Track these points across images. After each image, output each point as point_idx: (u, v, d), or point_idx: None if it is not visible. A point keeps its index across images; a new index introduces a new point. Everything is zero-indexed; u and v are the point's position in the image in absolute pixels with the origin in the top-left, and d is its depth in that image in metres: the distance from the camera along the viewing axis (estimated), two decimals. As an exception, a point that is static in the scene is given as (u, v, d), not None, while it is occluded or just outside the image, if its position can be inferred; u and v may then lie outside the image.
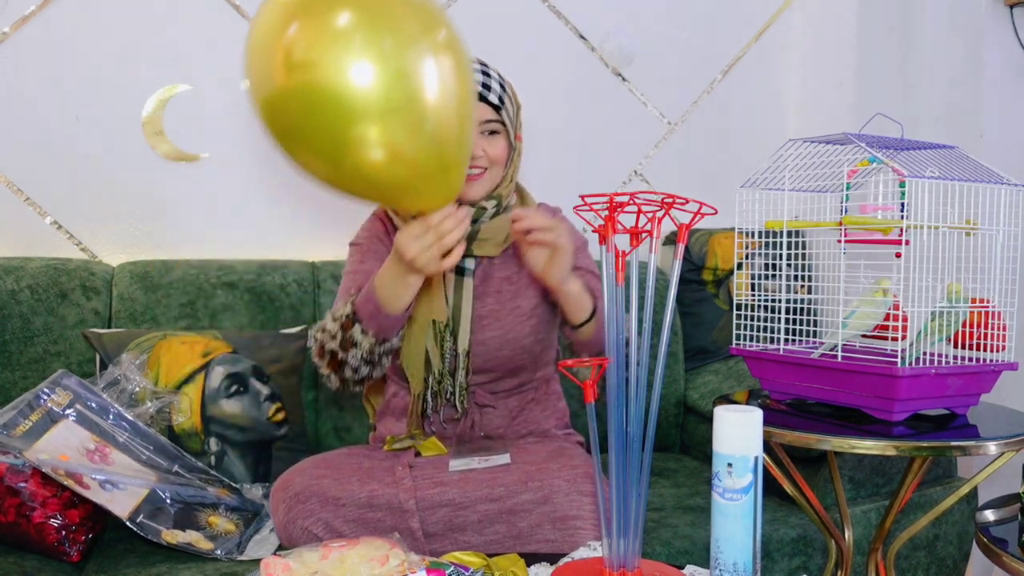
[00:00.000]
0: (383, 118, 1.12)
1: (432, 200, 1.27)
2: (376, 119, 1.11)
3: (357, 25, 1.10)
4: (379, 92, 1.10)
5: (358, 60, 1.09)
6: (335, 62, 1.09)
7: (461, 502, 1.38)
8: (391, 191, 1.23)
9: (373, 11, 1.12)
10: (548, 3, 2.35)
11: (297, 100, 1.11)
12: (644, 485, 1.06)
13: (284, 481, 1.47)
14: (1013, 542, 1.42)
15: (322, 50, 1.09)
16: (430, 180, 1.22)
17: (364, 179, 1.18)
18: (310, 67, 1.09)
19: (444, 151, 1.19)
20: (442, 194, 1.27)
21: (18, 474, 1.44)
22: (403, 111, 1.12)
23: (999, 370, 1.47)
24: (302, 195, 2.19)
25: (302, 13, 1.11)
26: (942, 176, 1.41)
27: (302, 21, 1.11)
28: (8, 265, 1.85)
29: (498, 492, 1.37)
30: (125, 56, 2.07)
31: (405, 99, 1.12)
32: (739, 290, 1.65)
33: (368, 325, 1.41)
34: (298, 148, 1.19)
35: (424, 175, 1.20)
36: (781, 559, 1.72)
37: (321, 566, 1.10)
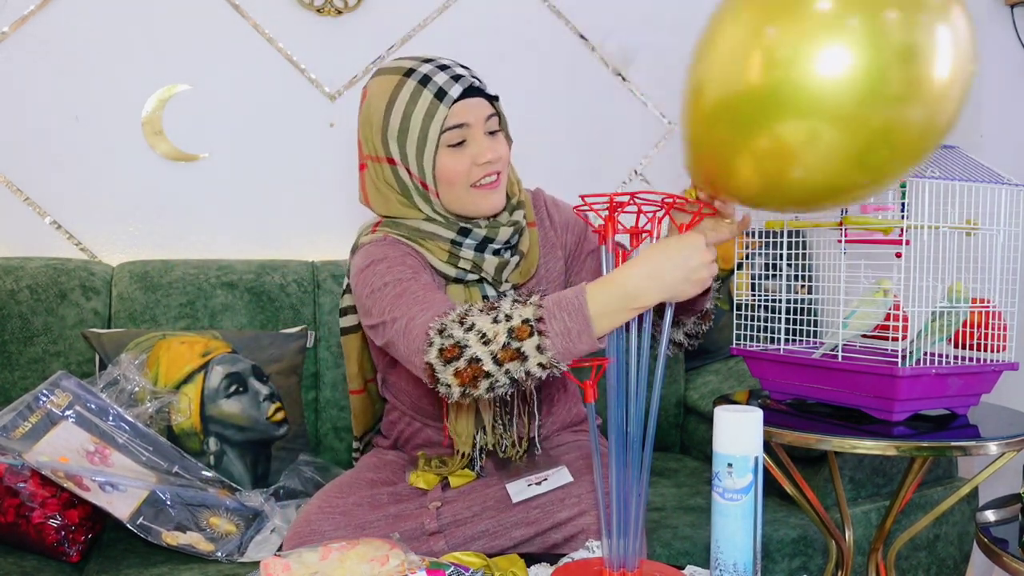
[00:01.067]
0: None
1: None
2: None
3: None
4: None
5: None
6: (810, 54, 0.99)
7: (495, 531, 1.30)
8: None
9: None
10: (548, 3, 2.34)
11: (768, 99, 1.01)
12: (644, 485, 1.06)
13: (300, 545, 1.26)
14: (1014, 542, 1.41)
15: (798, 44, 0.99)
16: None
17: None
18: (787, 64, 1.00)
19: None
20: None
21: (17, 474, 1.44)
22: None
23: (1000, 370, 1.47)
24: (302, 195, 2.19)
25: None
26: (942, 176, 1.40)
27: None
28: (7, 265, 1.85)
29: (534, 515, 1.29)
30: (125, 56, 2.07)
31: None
32: (739, 290, 1.64)
33: (555, 342, 1.08)
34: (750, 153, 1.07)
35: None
36: (781, 559, 1.72)
37: (321, 566, 1.10)
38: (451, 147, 1.31)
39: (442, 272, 1.36)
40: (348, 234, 2.23)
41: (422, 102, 1.30)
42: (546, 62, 2.35)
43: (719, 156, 1.10)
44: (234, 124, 2.14)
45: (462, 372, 1.10)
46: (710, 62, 1.09)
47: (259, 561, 1.34)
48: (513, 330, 1.08)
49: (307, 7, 2.16)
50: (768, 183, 1.08)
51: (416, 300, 1.20)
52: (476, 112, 1.32)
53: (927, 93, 1.02)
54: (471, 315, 1.11)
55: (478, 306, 1.13)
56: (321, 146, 2.20)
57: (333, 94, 2.21)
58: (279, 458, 1.80)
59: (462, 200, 1.34)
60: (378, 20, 2.22)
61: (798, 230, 1.64)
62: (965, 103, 1.07)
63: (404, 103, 1.31)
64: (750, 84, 1.03)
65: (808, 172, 1.04)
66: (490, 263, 1.36)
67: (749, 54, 1.04)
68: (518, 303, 1.11)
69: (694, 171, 1.18)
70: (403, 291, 1.23)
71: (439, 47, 2.26)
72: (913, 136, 1.04)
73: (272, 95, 2.17)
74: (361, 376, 1.57)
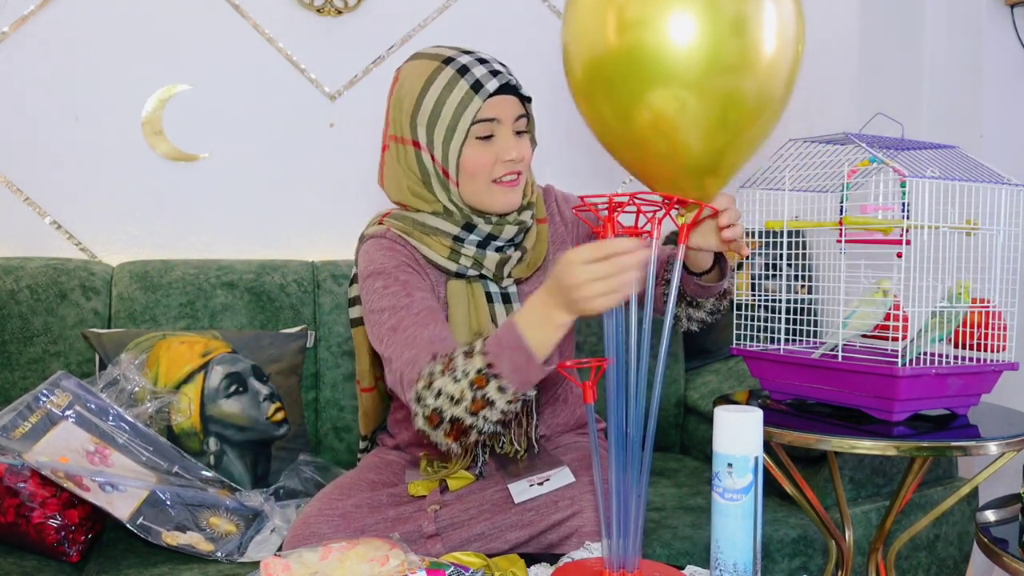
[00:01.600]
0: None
1: (694, 190, 1.23)
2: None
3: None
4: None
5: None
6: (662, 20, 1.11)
7: (491, 534, 1.30)
8: (661, 166, 1.22)
9: None
10: (548, 3, 2.34)
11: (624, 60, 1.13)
12: (644, 486, 1.06)
13: (299, 542, 1.29)
14: (1014, 542, 1.41)
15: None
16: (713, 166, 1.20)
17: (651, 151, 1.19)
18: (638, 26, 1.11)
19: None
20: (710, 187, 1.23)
21: (17, 475, 1.44)
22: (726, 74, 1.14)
23: (1000, 370, 1.47)
24: (302, 195, 2.19)
25: None
26: (943, 176, 1.40)
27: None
28: (7, 265, 1.85)
29: (528, 518, 1.29)
30: (125, 56, 2.07)
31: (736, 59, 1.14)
32: (739, 290, 1.64)
33: (510, 379, 1.14)
34: (602, 102, 1.20)
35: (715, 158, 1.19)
36: (781, 559, 1.72)
37: (321, 566, 1.10)
38: (479, 139, 1.32)
39: (443, 267, 1.37)
40: (348, 234, 2.23)
41: (457, 91, 1.31)
42: (546, 62, 2.35)
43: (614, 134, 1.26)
44: (234, 124, 2.14)
45: (450, 432, 1.19)
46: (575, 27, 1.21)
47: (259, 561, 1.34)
48: (472, 383, 1.15)
49: (307, 7, 2.16)
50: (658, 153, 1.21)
51: (406, 342, 1.25)
52: (508, 109, 1.34)
53: (756, 66, 1.14)
54: (436, 380, 1.17)
55: (439, 365, 1.18)
56: (321, 146, 2.20)
57: (333, 94, 2.21)
58: (279, 458, 1.79)
59: (481, 194, 1.35)
60: (378, 20, 2.22)
61: (798, 230, 1.64)
62: (794, 80, 1.20)
63: (439, 89, 1.32)
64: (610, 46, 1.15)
65: (688, 137, 1.17)
66: (491, 259, 1.37)
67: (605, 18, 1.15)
68: (468, 357, 1.16)
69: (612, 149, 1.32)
70: (397, 324, 1.28)
71: (439, 47, 2.27)
72: (751, 104, 1.16)
73: (272, 95, 2.17)
74: (372, 373, 1.55)
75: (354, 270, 1.50)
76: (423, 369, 1.21)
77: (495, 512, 1.31)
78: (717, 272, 1.43)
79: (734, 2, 1.12)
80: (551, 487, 1.30)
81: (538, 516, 1.29)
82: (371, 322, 1.32)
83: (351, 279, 1.53)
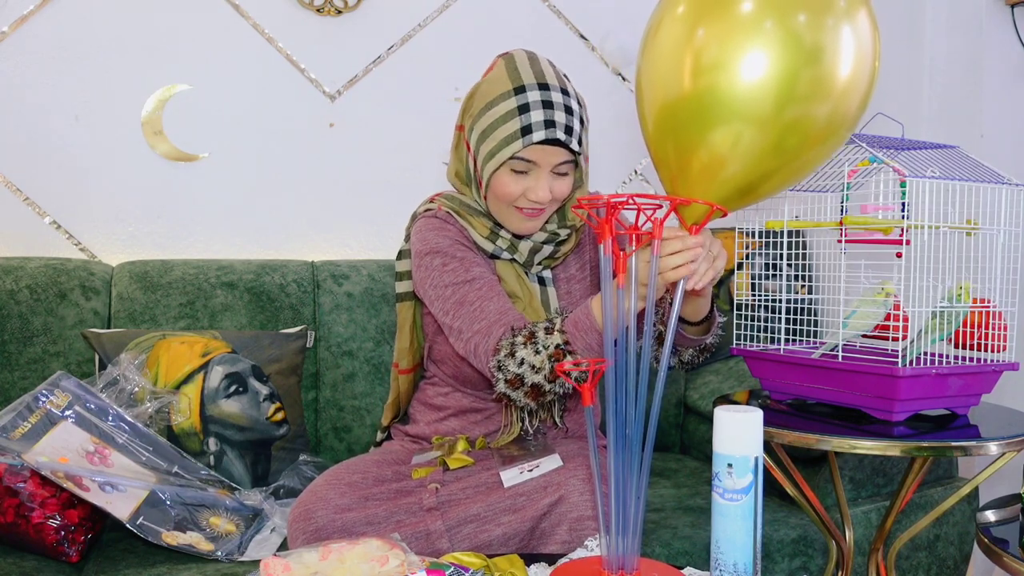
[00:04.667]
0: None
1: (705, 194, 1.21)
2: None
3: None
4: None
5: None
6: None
7: (486, 516, 1.35)
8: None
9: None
10: (548, 3, 2.34)
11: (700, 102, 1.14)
12: (643, 486, 1.06)
13: (305, 511, 1.37)
14: (1014, 542, 1.41)
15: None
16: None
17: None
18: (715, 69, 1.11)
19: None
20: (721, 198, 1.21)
21: (17, 475, 1.44)
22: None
23: (1000, 370, 1.47)
24: (302, 195, 2.19)
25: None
26: (943, 176, 1.40)
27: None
28: (7, 265, 1.85)
29: (520, 503, 1.34)
30: (125, 56, 2.07)
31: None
32: (739, 290, 1.64)
33: (585, 355, 1.30)
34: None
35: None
36: (781, 560, 1.72)
37: (321, 566, 1.10)
38: (514, 171, 1.41)
39: (481, 247, 1.48)
40: (348, 234, 2.23)
41: (509, 126, 1.39)
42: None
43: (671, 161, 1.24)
44: (234, 124, 2.14)
45: (528, 394, 1.34)
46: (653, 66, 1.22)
47: (259, 560, 1.34)
48: (552, 356, 1.30)
49: (307, 7, 2.16)
50: (705, 182, 1.18)
51: (474, 316, 1.39)
52: (548, 157, 1.40)
53: (831, 91, 1.12)
54: (518, 350, 1.32)
55: (520, 338, 1.32)
56: (321, 146, 2.20)
57: (333, 94, 2.21)
58: (279, 458, 1.79)
59: (501, 213, 1.46)
60: (378, 20, 2.22)
61: (798, 230, 1.63)
62: (869, 97, 1.18)
63: (496, 116, 1.40)
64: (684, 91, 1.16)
65: (735, 168, 1.16)
66: (525, 246, 1.48)
67: (683, 59, 1.15)
68: (548, 333, 1.31)
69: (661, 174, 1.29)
70: (463, 298, 1.41)
71: (439, 47, 2.27)
72: (821, 127, 1.15)
73: (272, 95, 2.17)
74: (411, 352, 1.60)
75: (403, 245, 1.58)
76: (502, 340, 1.34)
77: (489, 493, 1.37)
78: (704, 327, 1.46)
79: (812, 30, 1.11)
80: (540, 472, 1.36)
81: (529, 501, 1.33)
82: (436, 297, 1.44)
83: (398, 254, 1.60)
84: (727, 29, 1.12)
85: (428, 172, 2.25)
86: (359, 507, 1.37)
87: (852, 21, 1.13)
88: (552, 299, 1.51)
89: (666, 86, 1.17)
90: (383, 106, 2.24)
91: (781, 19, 1.10)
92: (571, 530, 1.30)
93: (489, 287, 1.42)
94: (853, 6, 1.14)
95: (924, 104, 2.44)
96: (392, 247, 2.19)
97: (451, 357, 1.51)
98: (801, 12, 1.10)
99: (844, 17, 1.12)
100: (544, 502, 1.32)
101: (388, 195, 2.24)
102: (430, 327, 1.57)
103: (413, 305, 1.58)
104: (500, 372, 1.33)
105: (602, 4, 2.38)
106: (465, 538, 1.35)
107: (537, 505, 1.33)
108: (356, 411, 1.97)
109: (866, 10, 1.16)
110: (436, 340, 1.55)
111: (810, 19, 1.10)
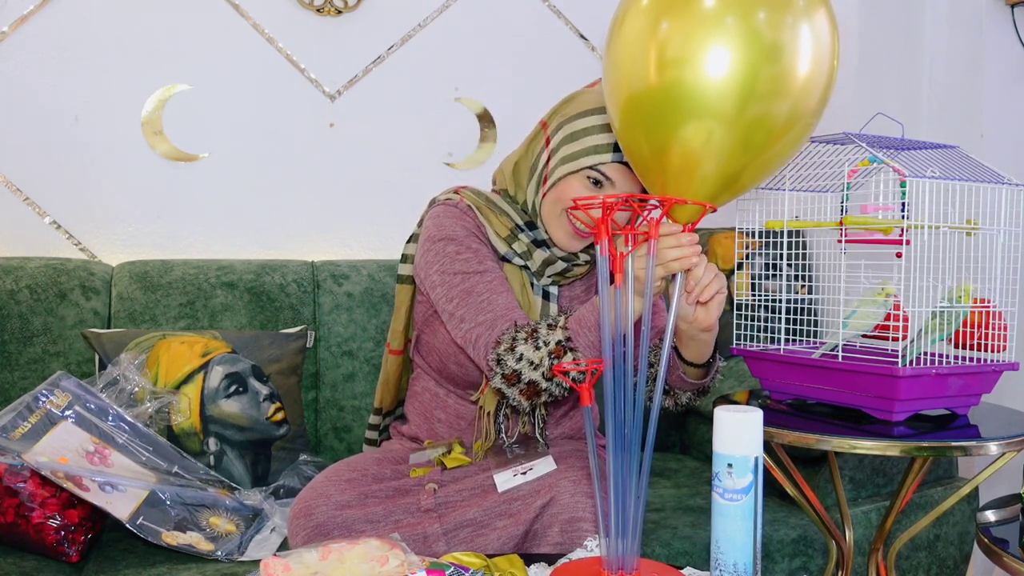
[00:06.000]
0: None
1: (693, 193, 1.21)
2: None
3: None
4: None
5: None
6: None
7: (482, 520, 1.35)
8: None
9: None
10: (548, 3, 2.34)
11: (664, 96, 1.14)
12: (644, 487, 1.06)
13: (305, 507, 1.37)
14: (1014, 542, 1.41)
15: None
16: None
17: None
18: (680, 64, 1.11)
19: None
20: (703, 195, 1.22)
21: (17, 475, 1.44)
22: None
23: (1000, 370, 1.47)
24: (302, 195, 2.19)
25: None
26: (943, 176, 1.40)
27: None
28: (7, 265, 1.85)
29: (515, 507, 1.34)
30: (125, 56, 2.07)
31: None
32: (739, 290, 1.64)
33: (585, 354, 1.28)
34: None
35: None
36: (781, 560, 1.72)
37: (320, 566, 1.10)
38: (588, 179, 1.40)
39: (495, 246, 1.46)
40: (348, 234, 2.23)
41: (600, 138, 1.39)
42: (546, 62, 2.35)
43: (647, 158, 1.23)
44: (234, 124, 2.14)
45: (524, 391, 1.32)
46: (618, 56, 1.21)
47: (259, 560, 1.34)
48: (552, 352, 1.28)
49: (307, 7, 2.16)
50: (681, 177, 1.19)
51: (480, 307, 1.38)
52: (625, 184, 1.40)
53: (791, 89, 1.14)
54: (518, 345, 1.31)
55: (523, 333, 1.31)
56: (321, 146, 2.20)
57: (333, 94, 2.21)
58: (279, 458, 1.79)
59: (552, 220, 1.44)
60: (378, 20, 2.22)
61: (798, 230, 1.63)
62: (829, 93, 1.19)
63: (591, 125, 1.40)
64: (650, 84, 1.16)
65: (711, 166, 1.16)
66: (539, 256, 1.46)
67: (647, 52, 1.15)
68: (551, 329, 1.30)
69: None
70: (471, 288, 1.39)
71: (439, 47, 2.27)
72: (782, 123, 1.16)
73: (272, 95, 2.17)
74: (404, 335, 1.61)
75: (415, 230, 1.58)
76: (503, 335, 1.33)
77: (485, 496, 1.37)
78: (705, 370, 1.45)
79: (772, 28, 1.11)
80: (534, 475, 1.36)
81: (523, 505, 1.34)
82: (440, 283, 1.42)
83: (409, 237, 1.59)
84: (691, 24, 1.12)
85: (428, 172, 2.25)
86: (359, 504, 1.37)
87: (811, 19, 1.14)
88: (552, 314, 1.49)
89: (632, 77, 1.17)
90: (383, 106, 2.24)
91: (742, 16, 1.11)
92: (562, 531, 1.30)
93: (499, 282, 1.41)
94: (812, 5, 1.15)
95: (924, 104, 2.44)
96: (392, 247, 2.19)
97: (436, 350, 1.51)
98: (761, 9, 1.11)
99: (803, 15, 1.13)
100: (536, 504, 1.33)
101: (388, 195, 2.24)
102: (420, 316, 1.56)
103: (412, 288, 1.58)
104: (499, 366, 1.32)
105: (602, 4, 2.38)
106: (461, 542, 1.35)
107: (530, 508, 1.33)
108: (356, 411, 1.97)
109: (825, 9, 1.17)
110: (424, 331, 1.55)
111: (770, 17, 1.11)
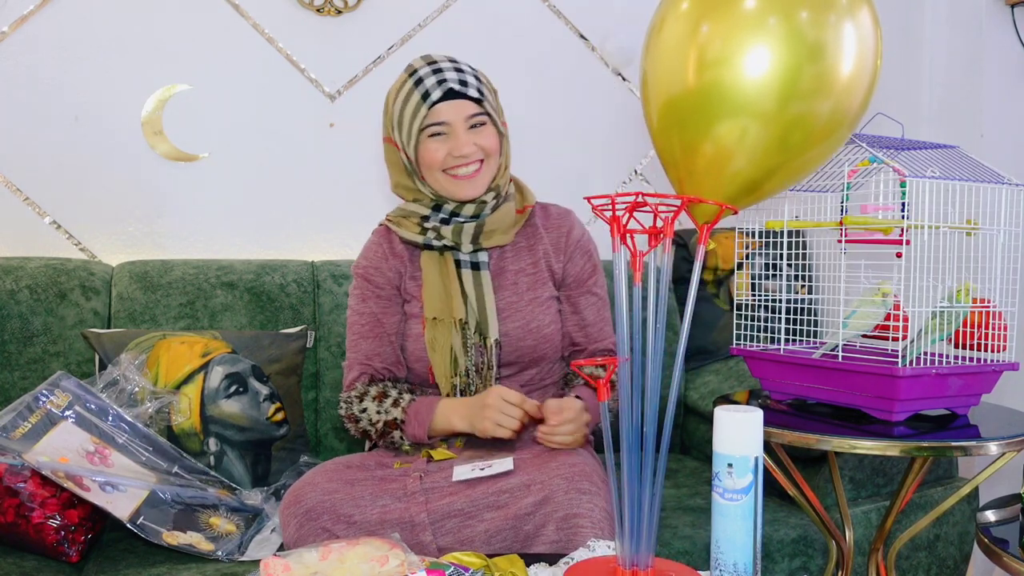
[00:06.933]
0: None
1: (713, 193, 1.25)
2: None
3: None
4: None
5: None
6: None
7: (469, 511, 1.37)
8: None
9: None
10: (548, 3, 2.34)
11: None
12: (659, 485, 1.06)
13: (295, 496, 1.42)
14: (1014, 542, 1.41)
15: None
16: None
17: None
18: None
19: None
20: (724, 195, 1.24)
21: (17, 475, 1.44)
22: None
23: (1000, 370, 1.47)
24: (302, 195, 2.19)
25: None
26: (943, 176, 1.40)
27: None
28: (7, 265, 1.85)
29: (503, 500, 1.36)
30: (125, 56, 2.07)
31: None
32: (739, 290, 1.64)
33: (407, 437, 1.53)
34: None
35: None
36: (781, 560, 1.72)
37: (320, 566, 1.10)
38: (432, 137, 1.52)
39: (413, 242, 1.58)
40: (348, 234, 2.23)
41: (411, 101, 1.52)
42: (546, 62, 2.35)
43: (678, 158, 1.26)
44: (234, 124, 2.14)
45: (356, 430, 1.58)
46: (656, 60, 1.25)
47: (259, 560, 1.34)
48: (386, 423, 1.53)
49: (307, 7, 2.16)
50: (711, 177, 1.22)
51: (352, 345, 1.60)
52: (456, 112, 1.51)
53: (833, 88, 1.15)
54: (366, 401, 1.55)
55: (374, 390, 1.55)
56: (321, 146, 2.20)
57: (333, 94, 2.21)
58: (279, 458, 1.79)
59: (439, 183, 1.55)
60: (378, 20, 2.22)
61: (798, 230, 1.63)
62: (871, 94, 1.21)
63: (402, 99, 1.54)
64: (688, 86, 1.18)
65: (741, 163, 1.19)
66: (446, 230, 1.55)
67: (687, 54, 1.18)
68: (395, 405, 1.53)
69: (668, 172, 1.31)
70: (351, 326, 1.61)
71: (439, 47, 2.26)
72: (823, 123, 1.18)
73: (272, 95, 2.16)
74: None
75: None
76: (358, 383, 1.56)
77: (472, 488, 1.40)
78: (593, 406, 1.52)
79: (814, 27, 1.12)
80: (491, 472, 1.42)
81: (511, 498, 1.36)
82: (349, 310, 1.64)
83: None
84: (731, 26, 1.12)
85: (428, 172, 2.25)
86: (345, 489, 1.42)
87: (854, 19, 1.14)
88: (486, 284, 1.56)
89: (670, 82, 1.18)
90: (383, 106, 2.23)
91: (784, 16, 1.11)
92: (559, 529, 1.31)
93: (372, 325, 1.58)
94: (855, 4, 1.14)
95: (924, 104, 2.44)
96: (392, 247, 2.19)
97: (408, 351, 1.60)
98: (804, 9, 1.11)
99: (846, 14, 1.13)
100: (527, 501, 1.34)
101: (388, 195, 2.24)
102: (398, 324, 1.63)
103: None
104: (345, 405, 1.56)
105: (602, 4, 2.38)
106: (448, 532, 1.37)
107: (520, 503, 1.34)
108: (356, 411, 1.97)
109: (868, 8, 1.16)
110: (403, 339, 1.61)
111: (812, 16, 1.11)
